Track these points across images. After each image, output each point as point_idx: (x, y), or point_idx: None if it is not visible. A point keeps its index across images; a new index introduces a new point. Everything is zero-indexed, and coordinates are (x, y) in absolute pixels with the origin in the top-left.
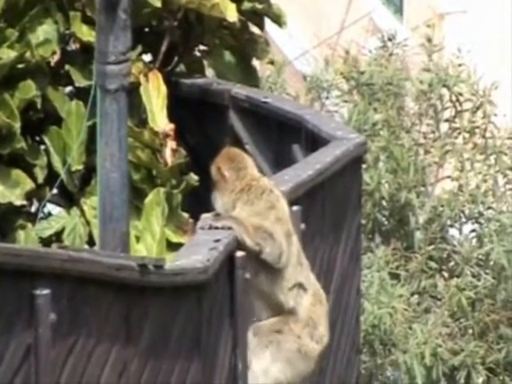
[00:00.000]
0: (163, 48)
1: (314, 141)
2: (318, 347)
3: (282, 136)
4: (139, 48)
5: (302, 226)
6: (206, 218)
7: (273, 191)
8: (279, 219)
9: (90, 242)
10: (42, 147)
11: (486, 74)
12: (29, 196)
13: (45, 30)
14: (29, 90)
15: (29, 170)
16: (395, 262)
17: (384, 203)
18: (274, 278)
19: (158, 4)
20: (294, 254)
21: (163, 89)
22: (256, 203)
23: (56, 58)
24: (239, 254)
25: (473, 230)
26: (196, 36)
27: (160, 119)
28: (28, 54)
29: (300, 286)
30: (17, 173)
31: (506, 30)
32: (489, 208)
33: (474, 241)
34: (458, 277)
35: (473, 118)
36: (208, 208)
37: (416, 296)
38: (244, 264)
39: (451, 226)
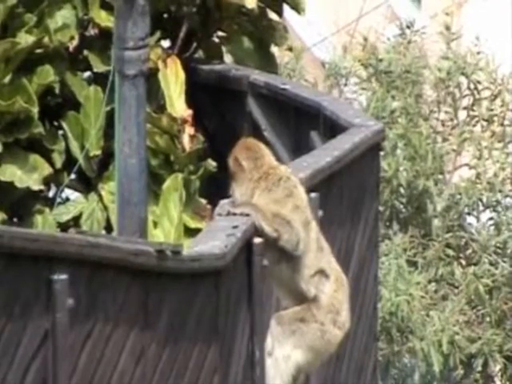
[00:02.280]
0: (182, 34)
1: (332, 128)
2: (341, 333)
3: (301, 123)
4: (158, 34)
5: (320, 212)
6: (224, 204)
7: (290, 178)
8: (297, 207)
9: (108, 227)
10: (60, 132)
11: (505, 62)
12: (47, 181)
13: (63, 15)
14: (47, 75)
15: (47, 155)
16: (413, 250)
17: (402, 190)
18: (294, 265)
19: None
20: (313, 240)
21: (181, 75)
22: (274, 190)
23: (74, 43)
24: (257, 240)
25: (490, 218)
26: (214, 22)
27: (178, 105)
28: (46, 39)
29: (322, 272)
30: (35, 158)
31: None
32: (506, 196)
33: (492, 229)
34: (475, 264)
35: (491, 106)
36: (225, 194)
37: (433, 283)
38: (262, 250)
39: (469, 213)
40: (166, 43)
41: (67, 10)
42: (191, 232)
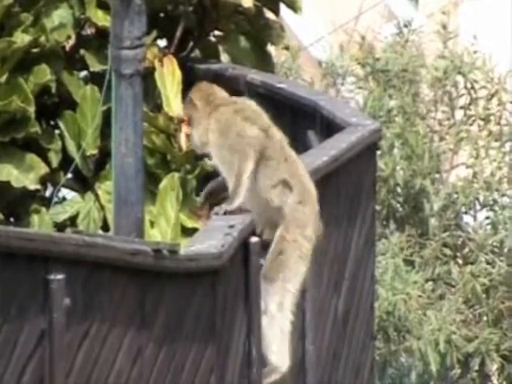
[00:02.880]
0: (178, 33)
1: (329, 127)
2: (309, 246)
3: (297, 122)
4: (154, 33)
5: None
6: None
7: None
8: (246, 118)
9: (105, 226)
10: (57, 132)
11: (502, 62)
12: (43, 180)
13: (60, 15)
14: (43, 74)
15: (43, 155)
16: (410, 249)
17: (399, 190)
18: (257, 177)
19: None
20: (275, 149)
21: (178, 74)
22: (222, 119)
23: (71, 42)
24: (254, 239)
25: (487, 217)
26: (211, 21)
27: (175, 104)
28: (43, 39)
29: (284, 183)
30: (31, 157)
31: None
32: (503, 195)
33: (489, 228)
34: (472, 264)
35: (488, 106)
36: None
37: (430, 283)
38: (258, 250)
39: (466, 212)
40: (162, 42)
41: (64, 9)
42: (188, 231)
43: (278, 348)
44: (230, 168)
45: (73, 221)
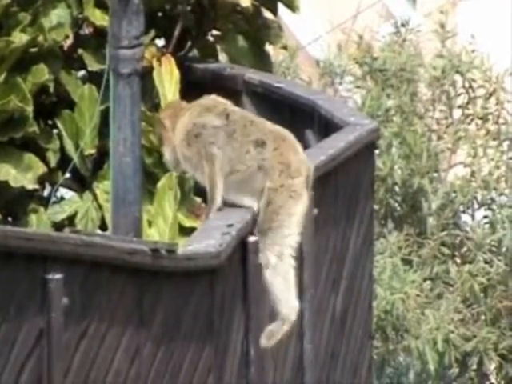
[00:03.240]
0: (176, 33)
1: (327, 126)
2: (299, 179)
3: (295, 121)
4: (152, 32)
5: (315, 211)
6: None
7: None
8: (200, 112)
9: (103, 226)
10: (55, 131)
11: (500, 61)
12: (41, 180)
13: (58, 14)
14: (41, 74)
15: (41, 154)
16: (408, 248)
17: (397, 189)
18: (228, 157)
19: None
20: (238, 122)
21: (176, 73)
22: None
23: (69, 42)
24: (252, 238)
25: (485, 217)
26: (209, 21)
27: None
28: (41, 38)
29: (255, 143)
30: (29, 157)
31: None
32: (501, 194)
33: (487, 227)
34: (470, 263)
35: (486, 105)
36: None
37: (428, 282)
38: (257, 249)
39: (464, 212)
40: (160, 42)
41: (62, 8)
42: (186, 231)
43: (284, 298)
44: (203, 173)
45: (71, 220)
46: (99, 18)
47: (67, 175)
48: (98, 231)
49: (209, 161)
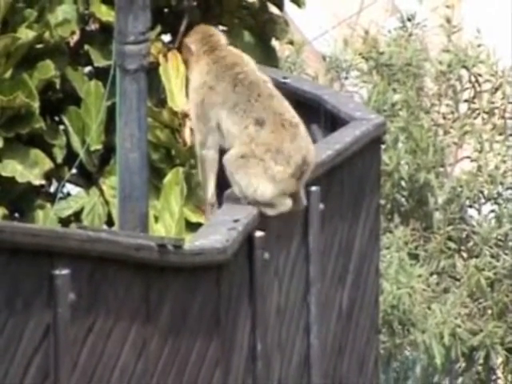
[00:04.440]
0: (182, 28)
1: (333, 121)
2: (287, 169)
3: (301, 116)
4: (158, 28)
5: (321, 206)
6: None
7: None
8: (224, 67)
9: (109, 221)
10: (61, 127)
11: (506, 55)
12: (48, 176)
13: (64, 10)
14: (48, 70)
15: (48, 150)
16: (414, 243)
17: (403, 184)
18: (224, 130)
19: None
20: (244, 94)
21: (182, 69)
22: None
23: (75, 38)
24: (258, 234)
25: (492, 211)
26: (215, 16)
27: (179, 99)
28: (47, 34)
29: (255, 121)
30: (36, 152)
31: None
32: (508, 188)
33: (493, 221)
34: (476, 257)
35: (492, 99)
36: (227, 187)
37: (435, 276)
38: (263, 244)
39: (470, 206)
40: (166, 37)
41: (68, 4)
42: (192, 226)
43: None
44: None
45: (77, 216)
46: (105, 14)
47: (74, 171)
48: (105, 227)
49: (202, 141)
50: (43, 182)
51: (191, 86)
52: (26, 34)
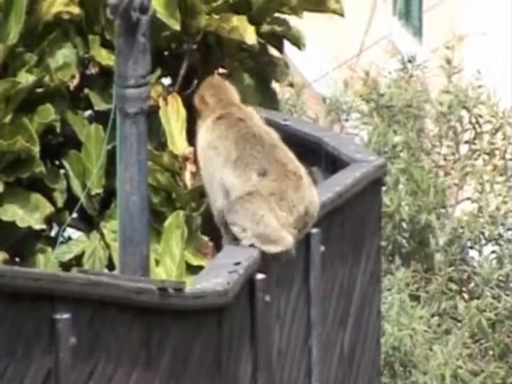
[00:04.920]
0: (182, 71)
1: (334, 163)
2: (289, 217)
3: (302, 158)
4: (158, 71)
5: (322, 248)
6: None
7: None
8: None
9: (110, 265)
10: (62, 171)
11: (506, 96)
12: (48, 220)
13: (64, 54)
14: (48, 113)
15: (48, 194)
16: (415, 284)
17: (404, 225)
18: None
19: (177, 27)
20: (246, 148)
21: (182, 112)
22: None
23: (75, 81)
24: (259, 276)
25: (493, 252)
26: (215, 59)
27: (179, 142)
28: (47, 78)
29: (259, 172)
30: (36, 197)
31: None
32: (509, 229)
33: (494, 262)
34: (478, 298)
35: (492, 140)
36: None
37: (436, 317)
38: (264, 287)
39: (471, 247)
40: (166, 81)
41: (68, 48)
42: (193, 269)
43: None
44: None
45: (78, 260)
46: (105, 58)
47: (74, 215)
48: (106, 270)
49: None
50: (44, 226)
51: (199, 142)
52: (26, 78)
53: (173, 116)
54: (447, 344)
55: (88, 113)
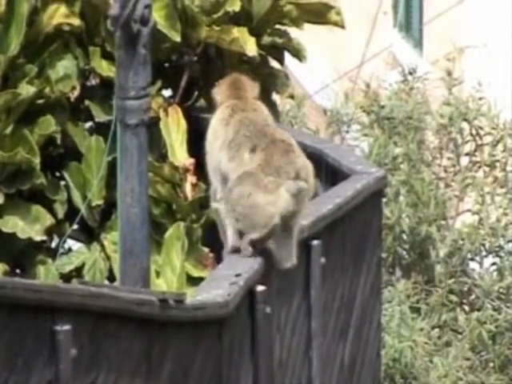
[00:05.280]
0: (183, 83)
1: (334, 175)
2: (277, 180)
3: None
4: (159, 83)
5: (323, 259)
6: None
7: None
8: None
9: (111, 277)
10: (62, 183)
11: (507, 108)
12: (49, 231)
13: (64, 66)
14: (48, 125)
15: (49, 206)
16: (416, 296)
17: (404, 237)
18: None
19: (178, 39)
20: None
21: (183, 123)
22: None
23: (76, 93)
24: (259, 288)
25: (493, 264)
26: (216, 70)
27: (180, 154)
28: (47, 90)
29: (250, 150)
30: (37, 208)
31: None
32: (509, 241)
33: (495, 274)
34: (478, 310)
35: (493, 152)
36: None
37: (437, 329)
38: (264, 298)
39: (472, 259)
40: (167, 92)
41: (68, 60)
42: (194, 281)
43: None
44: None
45: (79, 272)
46: (106, 69)
47: (75, 226)
48: (106, 282)
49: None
50: (44, 237)
51: (208, 132)
52: (26, 90)
53: (173, 127)
54: (448, 356)
55: (88, 124)
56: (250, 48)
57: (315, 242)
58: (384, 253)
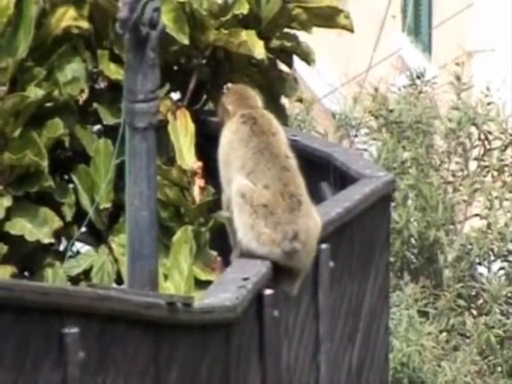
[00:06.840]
0: (191, 86)
1: (343, 179)
2: (272, 235)
3: (311, 173)
4: (167, 86)
5: (331, 263)
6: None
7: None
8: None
9: (119, 279)
10: (71, 185)
11: None
12: (57, 234)
13: (73, 69)
14: (57, 128)
15: (57, 209)
16: (424, 300)
17: (413, 241)
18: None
19: (186, 42)
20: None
21: (191, 127)
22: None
23: (84, 96)
24: (267, 292)
25: (501, 268)
26: (224, 73)
27: (188, 157)
28: (56, 93)
29: (263, 186)
30: (45, 211)
31: None
32: None
33: (503, 279)
34: (486, 315)
35: (502, 156)
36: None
37: (445, 334)
38: (272, 302)
39: (480, 263)
40: (175, 95)
41: (77, 63)
42: (202, 284)
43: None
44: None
45: (87, 274)
46: (114, 72)
47: (83, 229)
48: (114, 285)
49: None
50: (52, 240)
51: (221, 142)
52: (34, 93)
53: (181, 131)
54: (456, 360)
55: (97, 127)
56: (259, 51)
57: (323, 246)
58: (392, 257)
